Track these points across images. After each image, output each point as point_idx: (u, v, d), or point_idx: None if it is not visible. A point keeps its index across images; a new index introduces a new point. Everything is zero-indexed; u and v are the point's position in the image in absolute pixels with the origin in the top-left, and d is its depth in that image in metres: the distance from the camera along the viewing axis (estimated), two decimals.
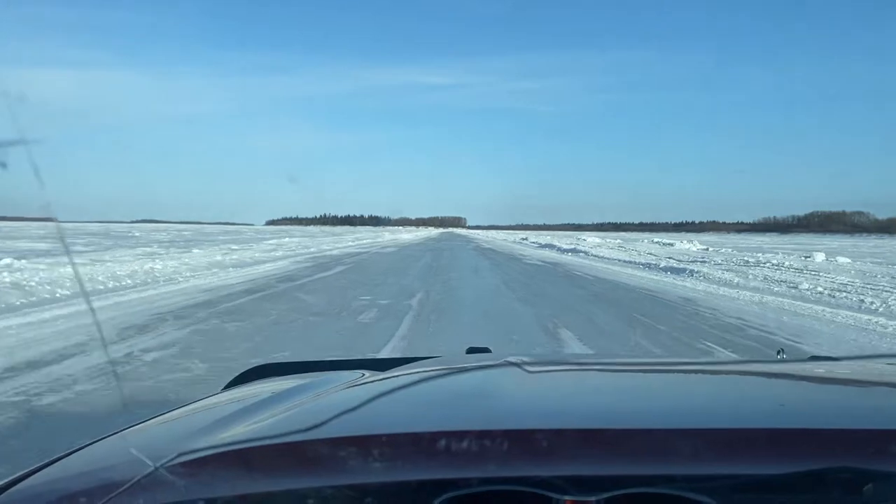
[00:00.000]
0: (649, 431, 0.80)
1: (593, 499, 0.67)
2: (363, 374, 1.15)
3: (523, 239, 60.42)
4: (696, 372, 1.22)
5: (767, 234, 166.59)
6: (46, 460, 0.85)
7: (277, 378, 1.28)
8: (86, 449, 0.88)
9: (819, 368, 1.23)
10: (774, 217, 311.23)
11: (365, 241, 42.24)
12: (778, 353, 1.44)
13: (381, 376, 1.09)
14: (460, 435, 0.74)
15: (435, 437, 0.75)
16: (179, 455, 0.74)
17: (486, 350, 1.58)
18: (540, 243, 44.87)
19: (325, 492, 0.69)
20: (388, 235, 64.26)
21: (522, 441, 0.76)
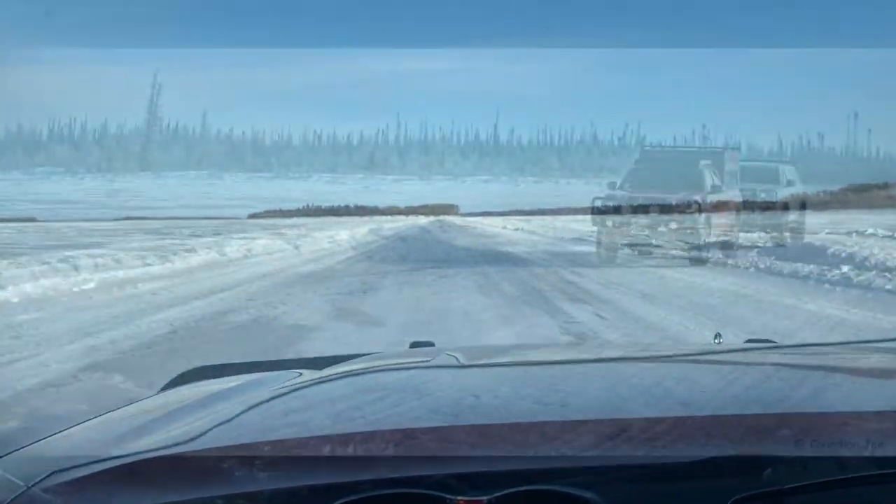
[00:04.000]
0: (543, 424, 0.78)
1: (485, 498, 0.65)
2: (300, 374, 1.14)
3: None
4: (630, 361, 1.20)
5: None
6: None
7: (212, 381, 1.26)
8: None
9: (752, 355, 1.23)
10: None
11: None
12: (715, 337, 1.42)
13: (308, 378, 1.08)
14: (346, 438, 0.73)
15: (321, 441, 0.74)
16: (54, 473, 0.72)
17: (429, 344, 1.55)
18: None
19: (216, 502, 0.68)
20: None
21: (412, 441, 0.75)
